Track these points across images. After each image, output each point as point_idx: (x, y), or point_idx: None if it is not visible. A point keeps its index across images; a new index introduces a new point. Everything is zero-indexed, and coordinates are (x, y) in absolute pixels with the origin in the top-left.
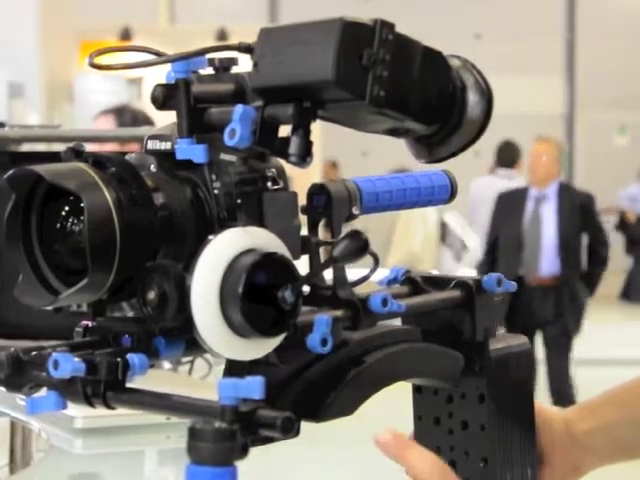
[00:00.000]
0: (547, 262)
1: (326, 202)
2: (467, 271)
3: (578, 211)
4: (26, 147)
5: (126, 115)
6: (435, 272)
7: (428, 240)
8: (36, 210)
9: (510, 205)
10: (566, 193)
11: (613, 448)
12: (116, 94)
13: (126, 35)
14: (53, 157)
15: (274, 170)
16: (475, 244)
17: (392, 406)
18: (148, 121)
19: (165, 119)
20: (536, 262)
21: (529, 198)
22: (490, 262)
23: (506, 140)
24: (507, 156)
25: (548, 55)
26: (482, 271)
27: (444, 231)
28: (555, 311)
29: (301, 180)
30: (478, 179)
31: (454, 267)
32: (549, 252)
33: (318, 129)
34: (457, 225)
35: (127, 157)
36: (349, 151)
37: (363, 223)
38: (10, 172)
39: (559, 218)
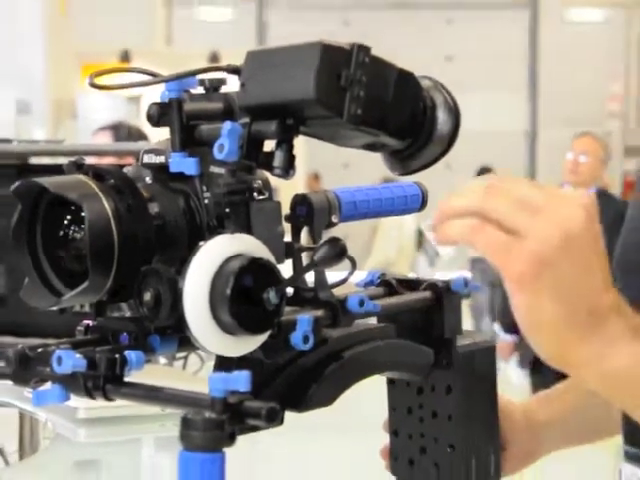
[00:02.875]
0: None
1: (308, 211)
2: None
3: (619, 221)
4: (33, 160)
5: (122, 131)
6: (411, 275)
7: (404, 246)
8: (41, 219)
9: None
10: (606, 200)
11: (566, 438)
12: (116, 111)
13: (125, 57)
14: (56, 170)
15: (260, 182)
16: (447, 251)
17: (369, 397)
18: (142, 136)
19: (159, 134)
20: None
21: None
22: None
23: (482, 166)
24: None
25: (513, 76)
26: None
27: (421, 238)
28: None
29: (286, 191)
30: None
31: (428, 271)
32: None
33: (302, 143)
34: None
35: (124, 170)
36: (331, 163)
37: (343, 230)
38: (16, 184)
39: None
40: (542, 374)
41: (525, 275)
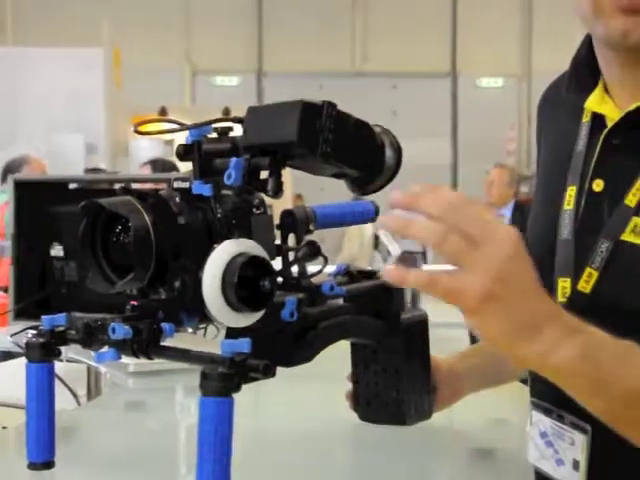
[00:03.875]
0: None
1: (293, 222)
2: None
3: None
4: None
5: (157, 165)
6: (369, 268)
7: (364, 247)
8: (100, 228)
9: None
10: (519, 212)
11: (480, 382)
12: (155, 151)
13: (163, 112)
14: (112, 192)
15: (257, 200)
16: (396, 252)
17: (341, 356)
18: (174, 168)
19: (186, 167)
20: None
21: None
22: None
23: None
24: None
25: (440, 125)
26: None
27: (377, 241)
28: None
29: (278, 206)
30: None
31: (382, 266)
32: None
33: (289, 172)
34: (385, 238)
35: (160, 192)
36: (311, 187)
37: (319, 235)
38: (82, 203)
39: None
40: None
41: (475, 308)
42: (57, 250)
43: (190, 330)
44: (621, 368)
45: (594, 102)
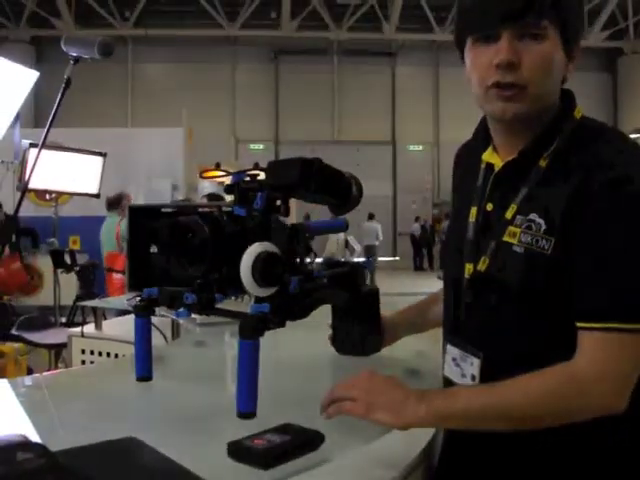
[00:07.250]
0: None
1: (296, 231)
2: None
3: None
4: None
5: (212, 197)
6: (342, 259)
7: (339, 247)
8: (178, 235)
9: None
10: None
11: (410, 329)
12: (213, 189)
13: (217, 165)
14: (184, 213)
15: (274, 218)
16: (359, 250)
17: (325, 314)
18: (222, 199)
19: (230, 198)
20: None
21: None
22: None
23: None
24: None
25: (385, 172)
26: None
27: (347, 243)
28: None
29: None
30: (364, 223)
31: (350, 258)
32: None
33: (294, 200)
34: (352, 241)
35: (214, 214)
36: (311, 209)
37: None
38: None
39: None
40: None
41: (365, 411)
42: (154, 249)
43: (233, 298)
44: (453, 402)
45: (487, 156)
